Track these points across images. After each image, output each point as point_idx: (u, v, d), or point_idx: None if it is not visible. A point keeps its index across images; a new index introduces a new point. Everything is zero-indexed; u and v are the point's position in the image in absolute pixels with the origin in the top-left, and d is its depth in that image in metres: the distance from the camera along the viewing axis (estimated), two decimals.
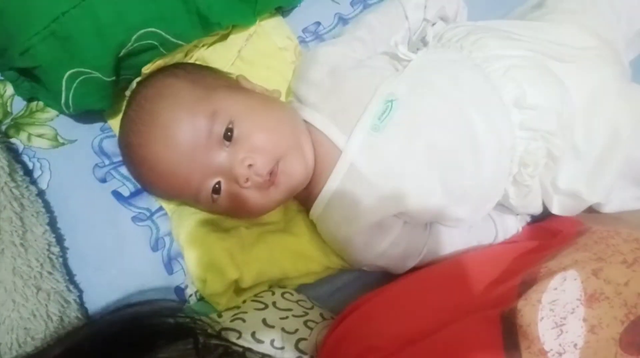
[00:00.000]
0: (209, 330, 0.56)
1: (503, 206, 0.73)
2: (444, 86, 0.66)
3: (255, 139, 0.63)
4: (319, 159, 0.67)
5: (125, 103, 0.77)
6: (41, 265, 0.65)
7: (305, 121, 0.69)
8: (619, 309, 0.48)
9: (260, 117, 0.65)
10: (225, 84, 0.70)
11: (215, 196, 0.65)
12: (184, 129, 0.63)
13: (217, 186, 0.65)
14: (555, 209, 0.70)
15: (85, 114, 0.76)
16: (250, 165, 0.62)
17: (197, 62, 0.79)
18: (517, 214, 0.75)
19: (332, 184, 0.66)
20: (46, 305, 0.63)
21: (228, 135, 0.63)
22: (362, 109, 0.65)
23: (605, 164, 0.66)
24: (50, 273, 0.65)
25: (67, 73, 0.65)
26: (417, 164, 0.64)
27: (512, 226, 0.75)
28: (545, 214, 0.73)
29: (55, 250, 0.68)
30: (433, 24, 0.79)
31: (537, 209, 0.73)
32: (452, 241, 0.72)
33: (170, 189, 0.68)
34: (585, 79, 0.68)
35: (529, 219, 0.77)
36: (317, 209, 0.69)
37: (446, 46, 0.71)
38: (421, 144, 0.64)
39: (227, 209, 0.68)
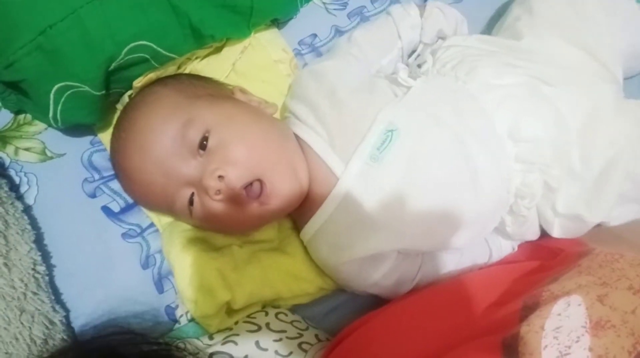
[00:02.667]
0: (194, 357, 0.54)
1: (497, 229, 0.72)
2: (444, 118, 0.64)
3: (230, 150, 0.61)
4: (315, 183, 0.65)
5: (115, 116, 0.76)
6: (25, 285, 0.62)
7: (303, 141, 0.67)
8: (626, 339, 0.46)
9: (240, 129, 0.63)
10: (213, 93, 0.68)
11: (191, 208, 0.63)
12: (156, 137, 0.61)
13: (192, 197, 0.63)
14: (556, 233, 0.68)
15: (75, 128, 0.74)
16: (221, 177, 0.60)
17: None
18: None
19: (325, 211, 0.64)
20: (30, 328, 0.60)
21: (203, 144, 0.61)
22: (361, 137, 0.63)
23: (603, 185, 0.65)
24: (35, 293, 0.63)
25: (55, 87, 0.63)
26: (416, 197, 0.62)
27: (506, 245, 0.74)
28: (545, 234, 0.71)
29: (41, 268, 0.66)
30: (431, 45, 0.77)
31: (534, 236, 0.72)
32: (446, 264, 0.70)
33: (148, 200, 0.67)
34: (580, 101, 0.66)
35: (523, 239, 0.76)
36: (307, 233, 0.67)
37: (442, 73, 0.69)
38: (421, 177, 0.62)
39: (206, 224, 0.66)
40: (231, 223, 0.64)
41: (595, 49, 0.70)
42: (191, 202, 0.63)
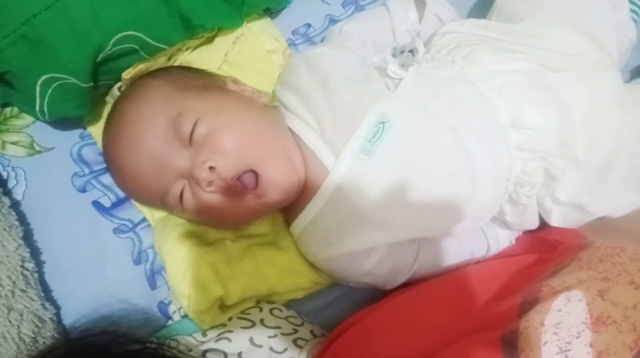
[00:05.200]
0: (183, 356, 0.53)
1: (494, 218, 0.71)
2: (438, 110, 0.63)
3: (219, 140, 0.59)
4: (306, 175, 0.64)
5: (105, 109, 0.75)
6: (13, 282, 0.61)
7: (293, 132, 0.65)
8: (628, 335, 0.45)
9: (230, 119, 0.61)
10: (204, 84, 0.66)
11: (182, 200, 0.62)
12: (147, 128, 0.60)
13: (183, 190, 0.61)
14: (554, 222, 0.67)
15: (64, 121, 0.73)
16: (212, 168, 0.58)
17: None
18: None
19: (315, 205, 0.63)
20: (18, 326, 0.59)
21: (192, 134, 0.59)
22: (352, 129, 0.62)
23: (608, 174, 0.64)
24: (23, 290, 0.62)
25: (41, 79, 0.61)
26: (410, 192, 0.61)
27: (503, 237, 0.73)
28: (544, 224, 0.70)
29: (30, 265, 0.64)
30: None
31: (534, 226, 0.71)
32: (444, 253, 0.69)
33: (140, 192, 0.65)
34: (583, 89, 0.65)
35: (521, 231, 0.75)
36: (297, 227, 0.66)
37: (436, 59, 0.68)
38: (414, 171, 0.61)
39: (199, 217, 0.64)
40: (227, 215, 0.62)
41: (597, 34, 0.69)
42: (182, 195, 0.61)
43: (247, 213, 0.63)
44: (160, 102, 0.61)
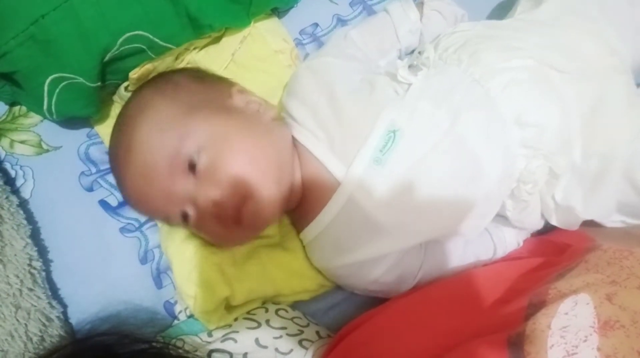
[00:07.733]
0: (189, 356, 0.54)
1: (501, 218, 0.70)
2: (446, 115, 0.62)
3: (223, 172, 0.59)
4: (315, 187, 0.64)
5: (112, 108, 0.75)
6: (21, 281, 0.61)
7: (302, 145, 0.65)
8: (636, 339, 0.44)
9: (235, 148, 0.60)
10: (210, 102, 0.64)
11: (186, 223, 0.62)
12: (150, 151, 0.59)
13: (186, 213, 0.61)
14: (554, 221, 0.67)
15: (71, 120, 0.73)
16: (215, 201, 0.58)
17: (189, 66, 0.75)
18: (515, 228, 0.72)
19: (327, 215, 0.63)
20: (25, 325, 0.60)
21: (193, 164, 0.59)
22: (363, 139, 0.61)
23: (600, 183, 0.62)
24: (31, 289, 0.62)
25: (49, 78, 0.62)
26: (421, 198, 0.60)
27: (510, 240, 0.72)
28: (550, 227, 0.70)
29: (37, 264, 0.65)
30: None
31: (536, 225, 0.70)
32: (449, 259, 0.69)
33: (143, 211, 0.66)
34: (587, 91, 0.64)
35: (529, 234, 0.74)
36: (308, 235, 0.66)
37: (443, 58, 0.67)
38: (425, 178, 0.61)
39: (202, 236, 0.65)
40: (218, 240, 0.64)
41: (612, 39, 0.68)
42: (184, 218, 0.61)
43: (234, 240, 0.65)
44: (165, 127, 0.60)
